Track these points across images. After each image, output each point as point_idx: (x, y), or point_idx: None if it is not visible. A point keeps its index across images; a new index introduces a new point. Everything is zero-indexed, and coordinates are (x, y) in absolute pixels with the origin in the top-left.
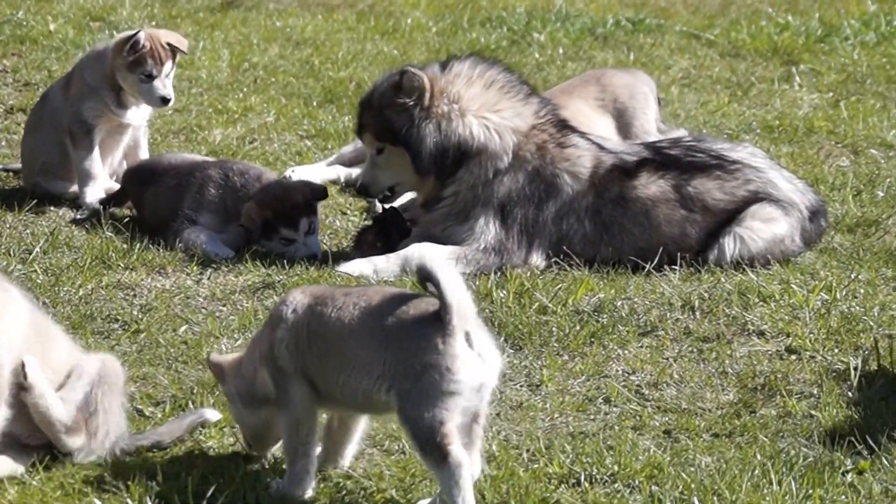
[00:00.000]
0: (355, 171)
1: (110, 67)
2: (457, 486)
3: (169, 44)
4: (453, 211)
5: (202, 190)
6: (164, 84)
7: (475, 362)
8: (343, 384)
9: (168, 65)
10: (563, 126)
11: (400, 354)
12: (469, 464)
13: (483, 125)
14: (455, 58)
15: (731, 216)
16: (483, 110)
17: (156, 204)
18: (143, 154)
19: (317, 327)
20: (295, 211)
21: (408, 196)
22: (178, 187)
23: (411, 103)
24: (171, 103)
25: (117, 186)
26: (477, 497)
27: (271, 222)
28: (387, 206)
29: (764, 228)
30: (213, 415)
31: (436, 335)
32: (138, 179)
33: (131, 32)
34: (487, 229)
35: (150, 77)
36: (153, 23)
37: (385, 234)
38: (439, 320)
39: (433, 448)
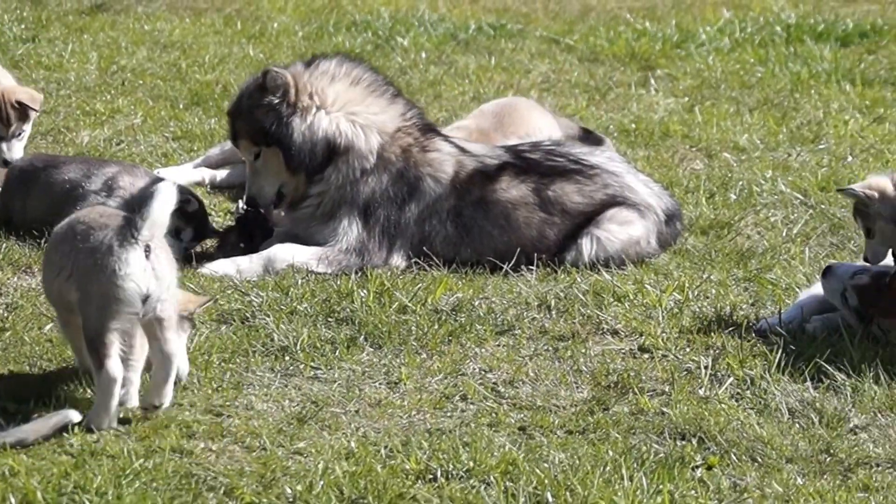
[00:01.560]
0: (221, 174)
1: None
2: (105, 394)
3: (19, 102)
4: (318, 212)
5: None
6: (10, 147)
7: (146, 273)
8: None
9: (14, 126)
10: (428, 129)
11: (83, 255)
12: (120, 378)
13: (350, 121)
14: (321, 56)
15: (589, 219)
16: (349, 107)
17: (40, 204)
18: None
19: None
20: (204, 232)
21: None
22: (71, 188)
23: (277, 101)
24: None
25: None
26: (335, 492)
27: (190, 218)
28: (249, 207)
29: (620, 231)
30: (76, 416)
31: (117, 239)
32: (20, 180)
33: None
34: (350, 230)
35: None
36: (23, 26)
37: (248, 234)
38: (127, 228)
39: (94, 354)
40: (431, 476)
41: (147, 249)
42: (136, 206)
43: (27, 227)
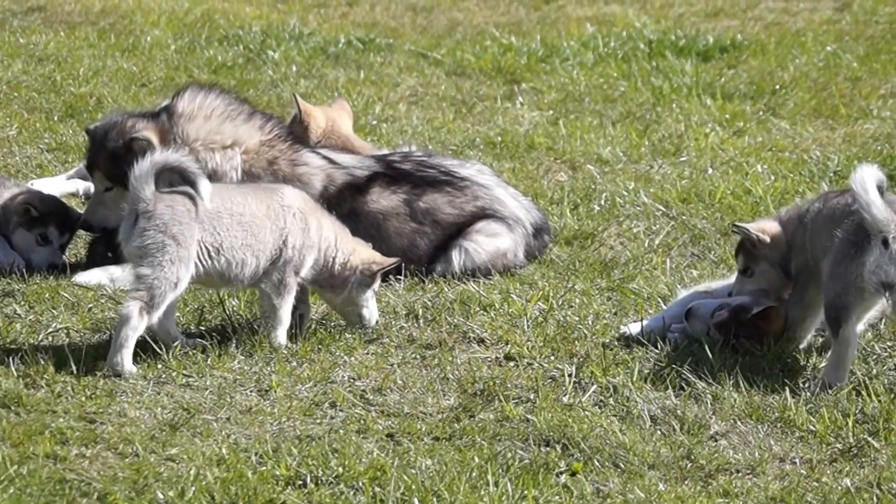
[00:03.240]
0: None
1: None
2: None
3: None
4: None
5: None
6: None
7: None
8: None
9: None
10: (294, 141)
11: None
12: None
13: (209, 151)
14: (177, 95)
15: (459, 230)
16: (209, 137)
17: None
18: None
19: None
20: (69, 221)
21: None
22: None
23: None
24: None
25: None
26: (207, 498)
27: (45, 218)
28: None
29: (488, 242)
30: None
31: None
32: None
33: None
34: None
35: None
36: None
37: (115, 245)
38: None
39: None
40: (301, 482)
41: None
42: None
43: None
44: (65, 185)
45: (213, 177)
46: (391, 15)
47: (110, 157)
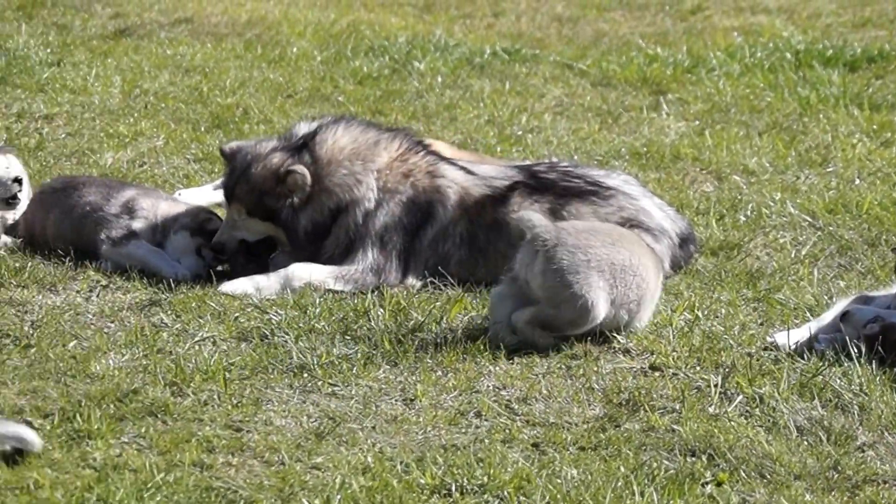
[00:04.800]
0: None
1: None
2: None
3: None
4: (334, 253)
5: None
6: None
7: None
8: None
9: None
10: (428, 152)
11: None
12: None
13: (346, 184)
14: (316, 133)
15: None
16: (348, 168)
17: (60, 226)
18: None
19: None
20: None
21: None
22: (91, 211)
23: (294, 196)
24: None
25: None
26: None
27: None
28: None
29: None
30: (33, 441)
31: None
32: (40, 202)
33: None
34: (367, 255)
35: None
36: (48, 50)
37: (254, 253)
38: None
39: None
40: (446, 491)
41: None
42: None
43: (48, 248)
44: (212, 194)
45: (351, 206)
46: (536, 25)
47: (256, 192)
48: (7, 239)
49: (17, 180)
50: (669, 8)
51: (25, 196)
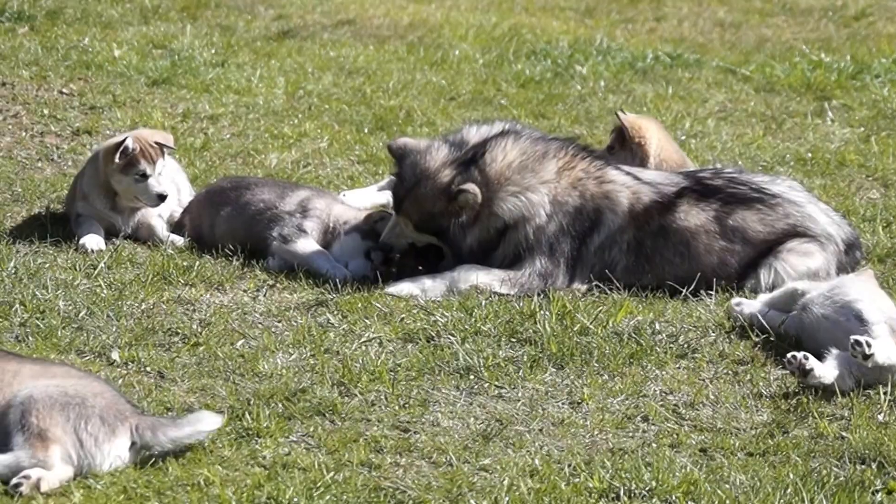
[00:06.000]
0: None
1: (103, 173)
2: None
3: (157, 143)
4: (502, 264)
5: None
6: (159, 182)
7: None
8: None
9: (160, 162)
10: (595, 158)
11: None
12: None
13: (516, 202)
14: (486, 148)
15: (770, 247)
16: (515, 184)
17: (231, 224)
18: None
19: None
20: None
21: None
22: (265, 209)
23: (462, 215)
24: (166, 200)
25: None
26: None
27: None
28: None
29: (799, 263)
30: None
31: None
32: (208, 201)
33: (119, 138)
34: (534, 263)
35: (145, 176)
36: (213, 51)
37: (424, 256)
38: None
39: None
40: (614, 495)
41: None
42: None
43: (215, 246)
44: (376, 195)
45: (520, 223)
46: (699, 30)
47: (426, 211)
48: (176, 238)
49: (161, 197)
50: (833, 14)
51: (173, 195)
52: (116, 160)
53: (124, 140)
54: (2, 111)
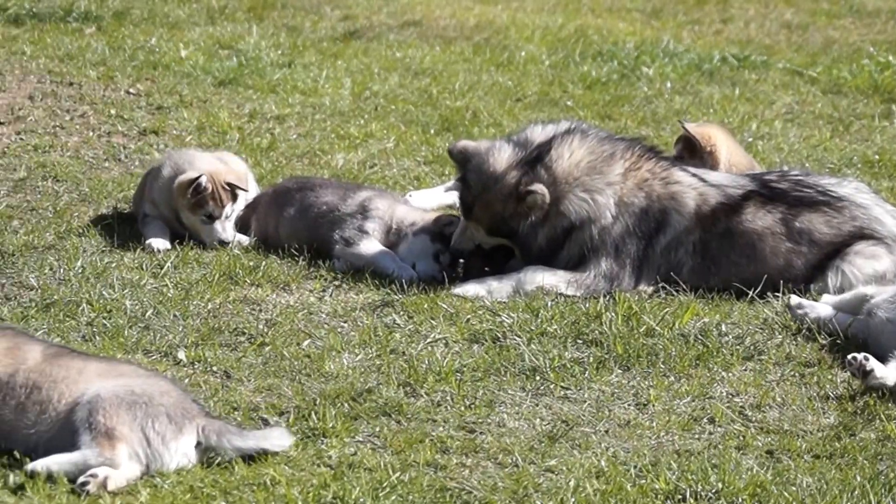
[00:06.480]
0: None
1: (175, 202)
2: None
3: (229, 184)
4: (567, 264)
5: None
6: (224, 227)
7: None
8: None
9: (228, 207)
10: (660, 158)
11: None
12: None
13: (582, 201)
14: (551, 146)
15: (836, 249)
16: (583, 185)
17: (296, 225)
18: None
19: None
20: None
21: None
22: (328, 210)
23: (531, 215)
24: (229, 245)
25: None
26: None
27: (448, 240)
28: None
29: (866, 265)
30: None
31: None
32: (274, 202)
33: (194, 174)
34: (600, 264)
35: (211, 218)
36: (279, 52)
37: (490, 257)
38: None
39: None
40: (680, 496)
41: None
42: None
43: (281, 246)
44: (443, 196)
45: (586, 223)
46: (765, 32)
47: (496, 216)
48: (242, 237)
49: (223, 243)
50: None
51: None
52: (188, 196)
53: (198, 177)
54: (69, 111)
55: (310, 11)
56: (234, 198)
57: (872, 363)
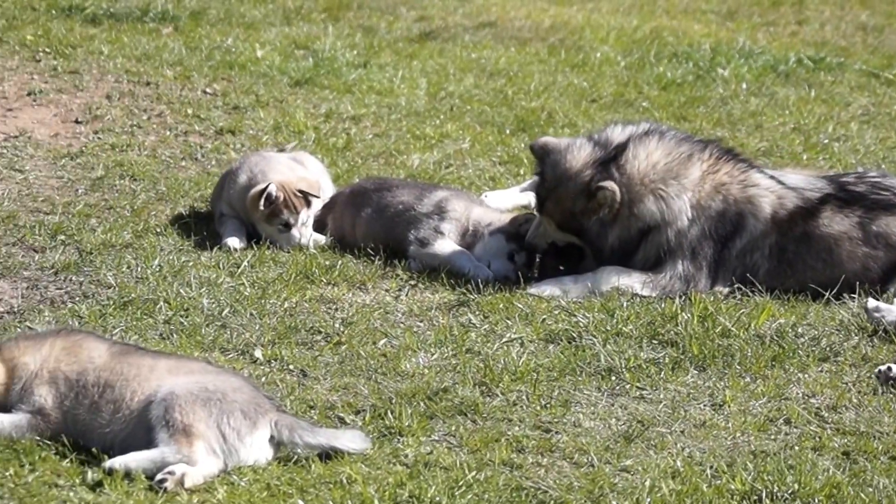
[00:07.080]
0: None
1: (250, 215)
2: None
3: (301, 191)
4: (643, 266)
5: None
6: (302, 233)
7: None
8: None
9: (304, 213)
10: (738, 160)
11: None
12: None
13: (658, 204)
14: (628, 147)
15: None
16: (657, 185)
17: (372, 225)
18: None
19: None
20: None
21: None
22: (404, 210)
23: (602, 212)
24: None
25: None
26: None
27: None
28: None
29: None
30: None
31: None
32: (350, 202)
33: (262, 186)
34: (676, 266)
35: (288, 226)
36: (355, 52)
37: (564, 256)
38: None
39: None
40: (756, 497)
41: None
42: None
43: (357, 246)
44: (518, 197)
45: (662, 226)
46: (841, 34)
47: (567, 211)
48: (319, 237)
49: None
50: None
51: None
52: (261, 207)
53: (267, 187)
54: (146, 111)
55: (385, 12)
56: (309, 203)
57: None
